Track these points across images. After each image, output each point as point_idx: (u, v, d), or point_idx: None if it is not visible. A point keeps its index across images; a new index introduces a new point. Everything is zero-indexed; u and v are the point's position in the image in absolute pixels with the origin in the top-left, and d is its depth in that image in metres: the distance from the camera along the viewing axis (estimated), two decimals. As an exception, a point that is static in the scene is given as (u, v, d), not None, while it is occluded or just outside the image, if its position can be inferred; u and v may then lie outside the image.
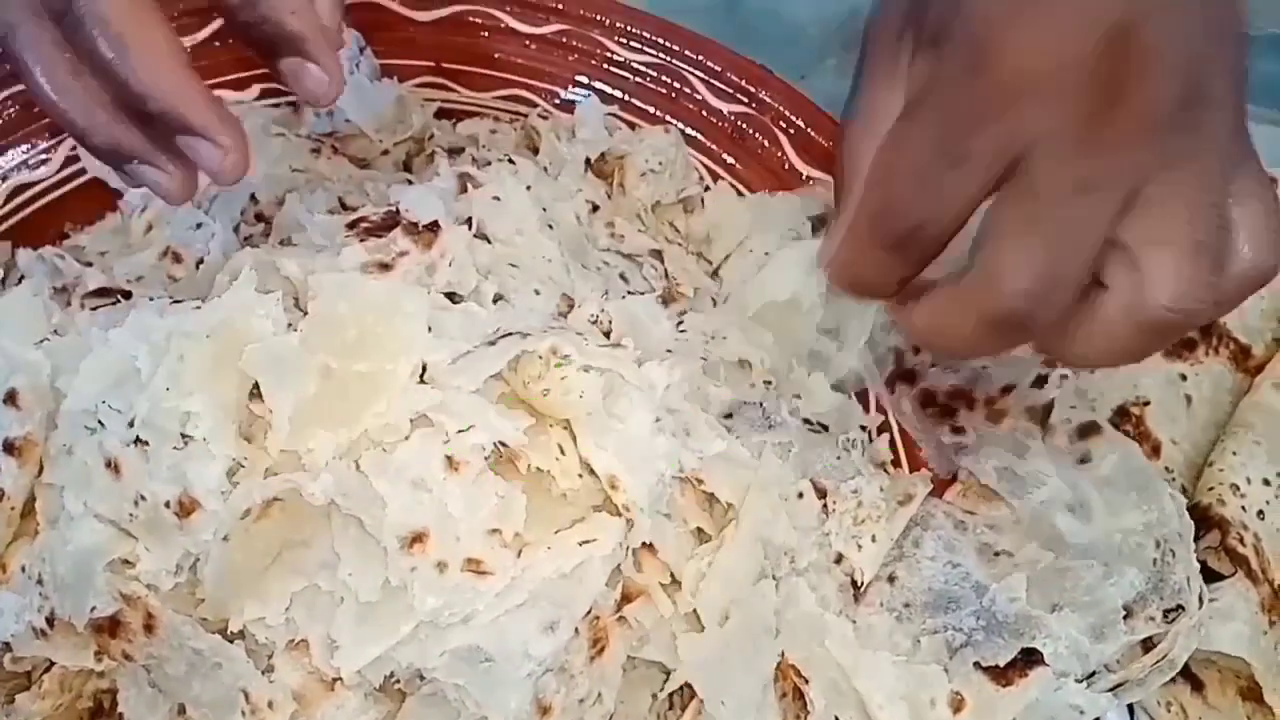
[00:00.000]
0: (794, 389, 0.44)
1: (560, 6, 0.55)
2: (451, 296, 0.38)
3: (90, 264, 0.45)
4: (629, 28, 0.54)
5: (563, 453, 0.36)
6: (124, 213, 0.49)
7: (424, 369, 0.35)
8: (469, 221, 0.42)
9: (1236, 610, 0.38)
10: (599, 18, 0.55)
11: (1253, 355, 0.46)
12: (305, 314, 0.34)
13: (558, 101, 0.55)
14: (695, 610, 0.36)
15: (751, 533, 0.37)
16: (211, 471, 0.33)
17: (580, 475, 0.36)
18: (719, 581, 0.36)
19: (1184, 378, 0.45)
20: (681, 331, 0.44)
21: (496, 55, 0.55)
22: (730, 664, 0.36)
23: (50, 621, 0.34)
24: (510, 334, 0.36)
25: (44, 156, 0.50)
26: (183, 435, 0.33)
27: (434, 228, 0.40)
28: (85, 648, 0.34)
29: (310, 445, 0.33)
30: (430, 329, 0.35)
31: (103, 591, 0.33)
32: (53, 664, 0.35)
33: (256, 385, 0.34)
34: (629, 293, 0.45)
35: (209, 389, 0.33)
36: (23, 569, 0.35)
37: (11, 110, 0.49)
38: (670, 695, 0.37)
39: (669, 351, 0.41)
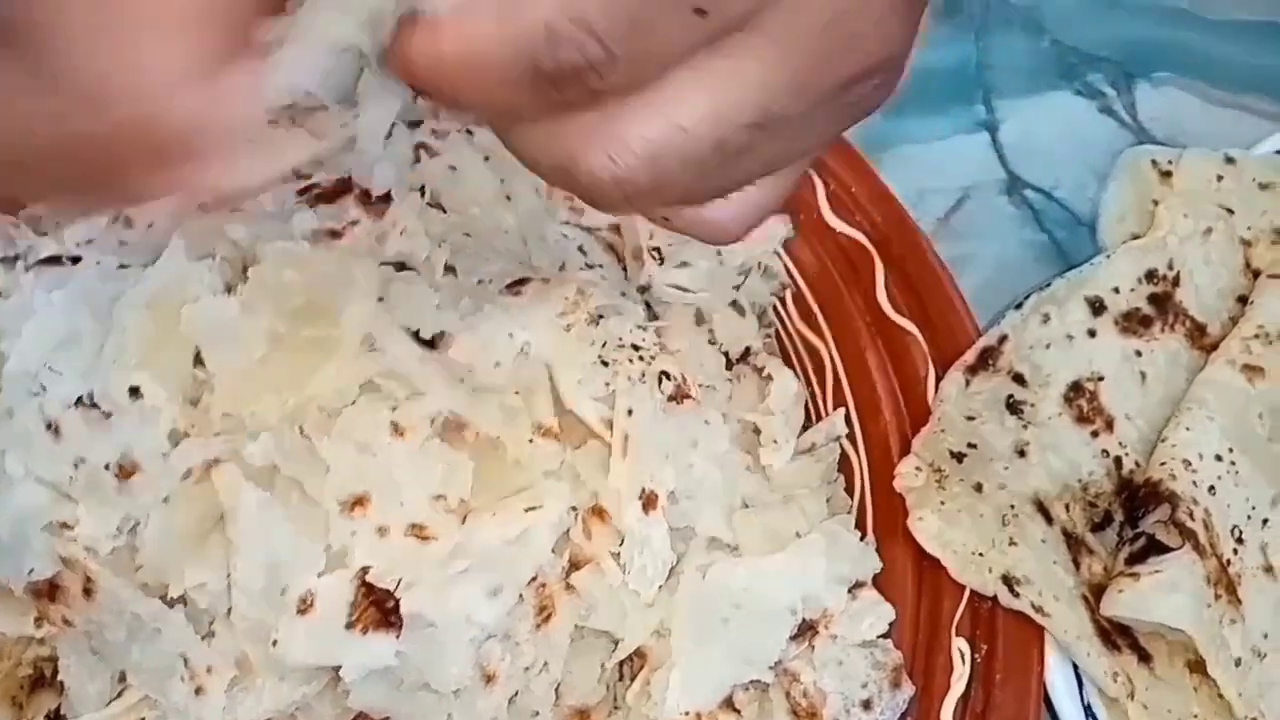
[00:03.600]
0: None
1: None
2: (402, 266, 0.38)
3: (45, 234, 0.45)
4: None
5: (514, 419, 0.36)
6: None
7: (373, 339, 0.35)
8: (422, 190, 0.41)
9: (1181, 583, 0.38)
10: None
11: (1208, 333, 0.46)
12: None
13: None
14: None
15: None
16: (153, 435, 0.33)
17: (530, 440, 0.36)
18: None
19: (1139, 354, 0.45)
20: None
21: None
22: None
23: (-11, 587, 0.34)
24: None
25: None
26: (130, 392, 0.33)
27: (386, 198, 0.40)
28: (25, 614, 0.34)
29: (253, 409, 0.33)
30: (381, 299, 0.35)
31: (41, 553, 0.33)
32: (-8, 631, 0.35)
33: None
34: (586, 265, 0.45)
35: (153, 360, 0.32)
36: (-40, 534, 0.35)
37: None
38: (620, 664, 0.37)
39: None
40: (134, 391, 0.32)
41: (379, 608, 0.32)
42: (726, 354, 0.46)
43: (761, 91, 0.23)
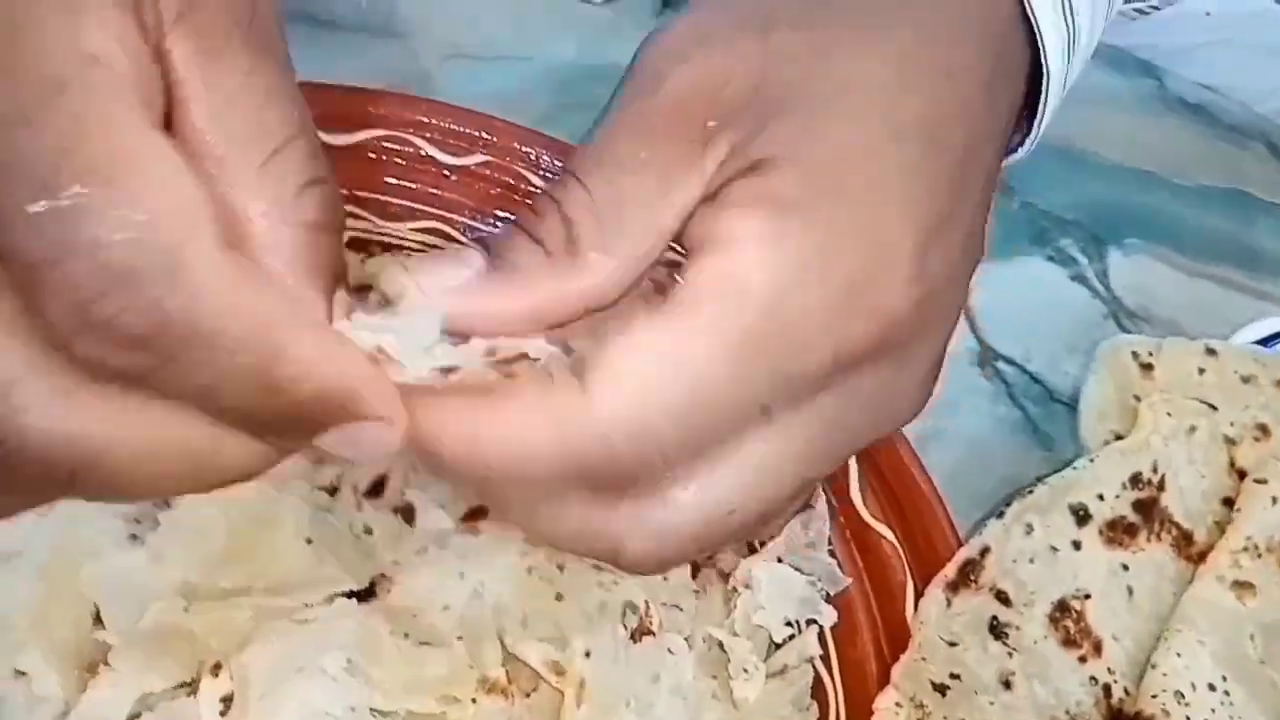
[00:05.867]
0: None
1: (485, 137, 0.52)
2: (334, 490, 0.34)
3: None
4: (553, 161, 0.52)
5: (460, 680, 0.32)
6: None
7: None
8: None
9: (1183, 844, 0.35)
10: (523, 149, 0.52)
11: (1195, 541, 0.44)
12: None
13: (477, 236, 0.52)
14: None
15: None
16: (40, 717, 0.28)
17: (474, 700, 0.32)
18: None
19: (1126, 567, 0.43)
20: None
21: (414, 185, 0.51)
22: None
23: None
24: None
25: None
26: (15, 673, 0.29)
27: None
28: None
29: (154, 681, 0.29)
30: (309, 540, 0.31)
31: None
32: None
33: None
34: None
35: (42, 634, 0.28)
36: None
37: None
38: None
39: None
40: (19, 673, 0.28)
41: None
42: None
43: (805, 468, 0.23)
